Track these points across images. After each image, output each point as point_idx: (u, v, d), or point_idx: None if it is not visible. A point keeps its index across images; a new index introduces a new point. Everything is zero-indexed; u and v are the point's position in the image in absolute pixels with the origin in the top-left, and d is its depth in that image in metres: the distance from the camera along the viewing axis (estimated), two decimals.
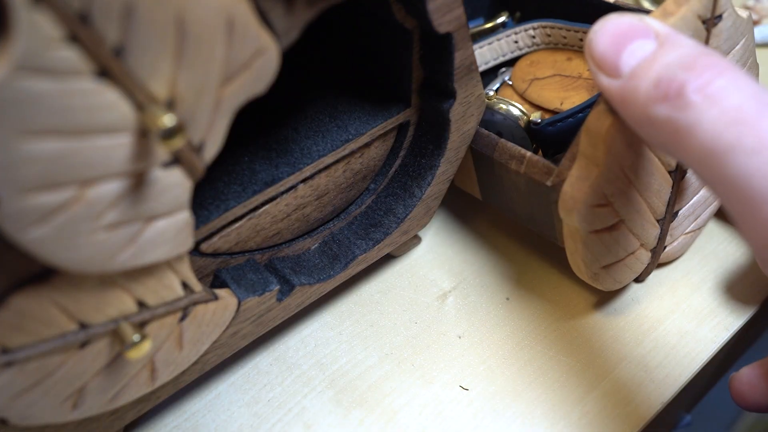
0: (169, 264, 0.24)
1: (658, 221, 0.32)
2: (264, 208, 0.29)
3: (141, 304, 0.24)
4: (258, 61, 0.22)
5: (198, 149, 0.22)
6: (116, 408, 0.27)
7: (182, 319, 0.26)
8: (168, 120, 0.19)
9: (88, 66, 0.18)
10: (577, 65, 0.37)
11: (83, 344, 0.23)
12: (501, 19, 0.42)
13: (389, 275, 0.38)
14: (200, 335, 0.27)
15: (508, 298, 0.36)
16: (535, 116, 0.35)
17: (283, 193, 0.30)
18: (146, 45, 0.19)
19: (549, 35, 0.39)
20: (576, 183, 0.28)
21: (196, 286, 0.26)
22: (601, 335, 0.34)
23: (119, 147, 0.19)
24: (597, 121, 0.26)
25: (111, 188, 0.20)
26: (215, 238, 0.28)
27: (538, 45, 0.40)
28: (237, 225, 0.29)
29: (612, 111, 0.25)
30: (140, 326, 0.25)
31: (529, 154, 0.31)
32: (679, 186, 0.32)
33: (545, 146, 0.35)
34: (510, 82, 0.39)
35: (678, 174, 0.31)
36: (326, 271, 0.33)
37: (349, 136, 0.31)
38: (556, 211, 0.31)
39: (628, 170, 0.28)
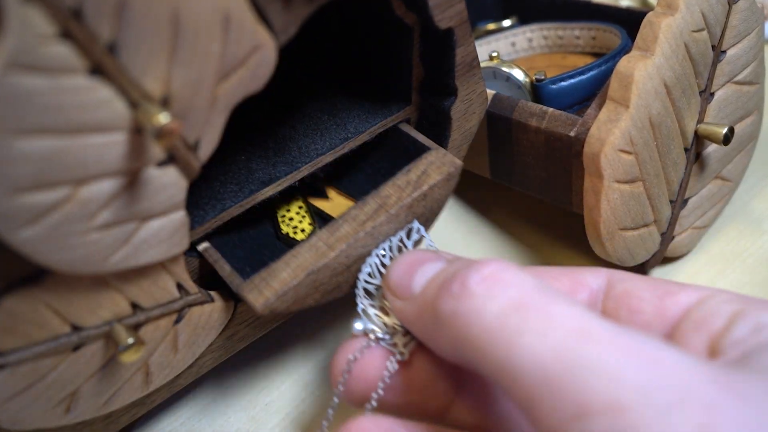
0: (164, 265, 0.24)
1: (671, 202, 0.33)
2: (324, 262, 0.26)
3: (135, 306, 0.24)
4: (255, 57, 0.22)
5: (193, 148, 0.22)
6: (110, 412, 0.27)
7: (177, 321, 0.26)
8: (163, 118, 0.19)
9: (81, 63, 0.18)
10: (572, 60, 0.39)
11: (76, 347, 0.23)
12: (507, 23, 0.43)
13: None
14: (196, 338, 0.27)
15: None
16: (539, 74, 0.36)
17: (280, 192, 0.30)
18: (140, 41, 0.19)
19: (546, 37, 0.41)
20: (604, 125, 0.30)
21: (192, 287, 0.26)
22: None
23: (113, 145, 0.19)
24: (628, 63, 0.29)
25: (104, 187, 0.20)
26: (272, 299, 0.25)
27: (534, 49, 0.43)
28: (295, 284, 0.26)
29: (643, 57, 0.29)
30: (134, 329, 0.25)
31: (550, 109, 0.33)
32: (691, 170, 0.34)
33: (542, 100, 0.37)
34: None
35: (691, 155, 0.33)
36: None
37: (348, 135, 0.31)
38: (576, 167, 0.32)
39: (653, 120, 0.30)
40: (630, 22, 0.39)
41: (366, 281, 0.27)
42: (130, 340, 0.23)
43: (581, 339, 0.18)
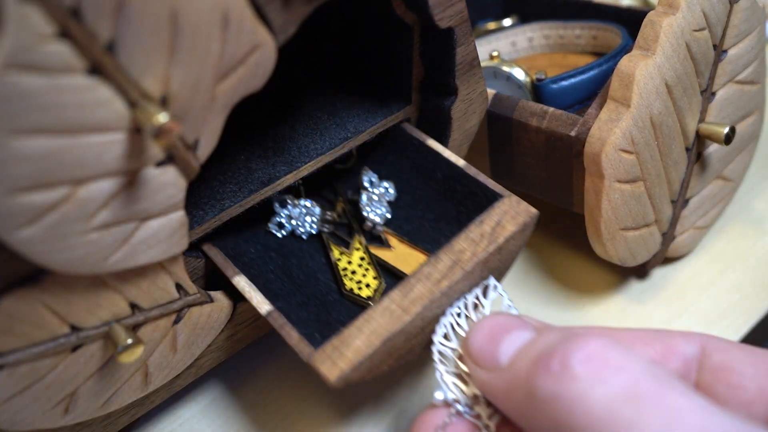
0: (163, 265, 0.24)
1: (672, 202, 0.33)
2: (399, 327, 0.24)
3: (134, 307, 0.24)
4: (254, 57, 0.22)
5: (193, 147, 0.22)
6: (109, 413, 0.27)
7: (176, 321, 0.26)
8: (162, 117, 0.19)
9: (80, 62, 0.18)
10: (573, 60, 0.39)
11: (75, 347, 0.23)
12: (507, 22, 0.43)
13: None
14: (195, 338, 0.27)
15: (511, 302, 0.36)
16: (539, 73, 0.36)
17: (279, 193, 0.30)
18: (139, 40, 0.19)
19: (547, 37, 0.41)
20: (605, 125, 0.30)
21: (191, 287, 0.26)
22: None
23: (112, 145, 0.19)
24: (629, 63, 0.29)
25: (103, 187, 0.20)
26: (347, 371, 0.23)
27: (535, 48, 0.42)
28: (370, 353, 0.24)
29: (644, 56, 0.29)
30: (133, 329, 0.25)
31: (551, 108, 0.33)
32: (693, 170, 0.33)
33: (542, 99, 0.37)
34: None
35: (693, 155, 0.33)
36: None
37: (348, 134, 0.31)
38: (577, 167, 0.32)
39: (655, 120, 0.30)
40: (631, 21, 0.39)
41: (441, 343, 0.25)
42: (129, 341, 0.23)
43: None
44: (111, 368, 0.25)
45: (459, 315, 0.25)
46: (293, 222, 0.31)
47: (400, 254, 0.30)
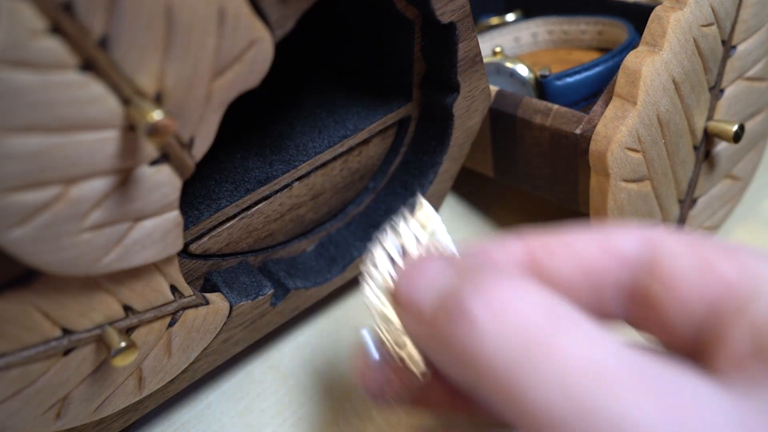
0: (157, 266, 0.24)
1: (680, 202, 0.33)
2: (257, 207, 0.29)
3: (128, 309, 0.24)
4: (251, 52, 0.22)
5: (188, 145, 0.22)
6: (102, 418, 0.27)
7: (171, 324, 0.26)
8: (156, 115, 0.19)
9: (72, 58, 0.18)
10: (578, 56, 0.39)
11: (67, 351, 0.23)
12: (510, 17, 0.43)
13: None
14: (190, 341, 0.27)
15: None
16: (543, 69, 0.35)
17: (277, 192, 0.30)
18: (133, 36, 0.19)
19: (551, 32, 0.41)
20: (611, 122, 0.30)
21: (186, 289, 0.26)
22: None
23: (105, 143, 0.19)
24: (636, 59, 0.29)
25: (96, 187, 0.20)
26: (205, 239, 0.28)
27: (539, 44, 0.43)
28: (228, 225, 0.29)
29: (651, 52, 0.29)
30: (127, 332, 0.25)
31: (556, 105, 0.33)
32: (701, 169, 0.34)
33: (548, 96, 0.37)
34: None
35: (701, 153, 0.33)
36: (323, 274, 0.33)
37: (347, 132, 0.31)
38: (582, 165, 0.32)
39: (662, 117, 0.30)
40: (637, 16, 0.39)
41: (372, 278, 0.23)
42: (123, 344, 0.23)
43: (597, 383, 0.16)
44: (104, 372, 0.25)
45: (390, 248, 0.23)
46: None
47: None
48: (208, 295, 0.27)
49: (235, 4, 0.20)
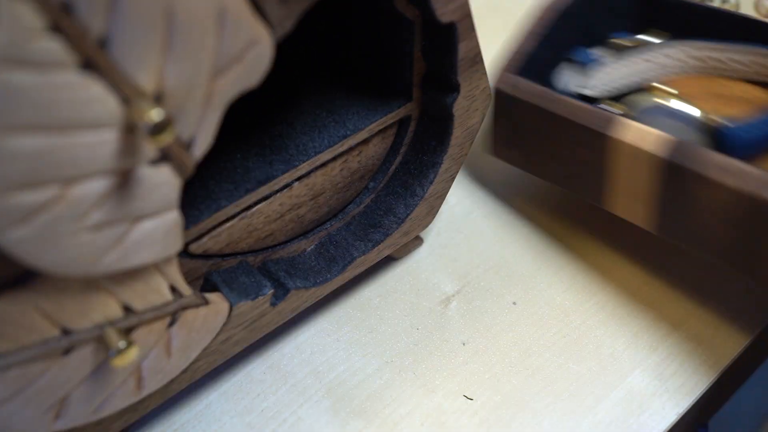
0: (157, 267, 0.24)
1: None
2: (257, 207, 0.29)
3: (127, 309, 0.24)
4: (251, 52, 0.22)
5: (187, 145, 0.22)
6: (101, 418, 0.27)
7: (171, 324, 0.26)
8: (156, 114, 0.19)
9: (72, 58, 0.18)
10: (736, 90, 0.33)
11: (67, 351, 0.23)
12: (645, 37, 0.37)
13: (389, 278, 0.38)
14: (190, 342, 0.27)
15: (514, 303, 0.36)
16: (724, 118, 0.29)
17: (277, 192, 0.30)
18: (133, 36, 0.19)
19: (700, 59, 0.35)
20: None
21: (186, 290, 0.26)
22: (613, 342, 0.34)
23: (104, 143, 0.19)
24: None
25: (96, 187, 0.20)
26: (205, 239, 0.28)
27: (685, 69, 0.36)
28: (228, 225, 0.29)
29: None
30: (126, 332, 0.25)
31: (744, 165, 0.27)
32: None
33: (727, 149, 0.31)
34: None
35: None
36: (323, 274, 0.33)
37: (347, 132, 0.31)
38: None
39: None
40: None
41: None
42: (122, 344, 0.23)
43: None
44: (103, 372, 0.25)
45: None
46: None
47: None
48: (207, 295, 0.27)
49: (235, 4, 0.20)
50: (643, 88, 0.33)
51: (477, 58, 0.31)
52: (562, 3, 0.37)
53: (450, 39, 0.29)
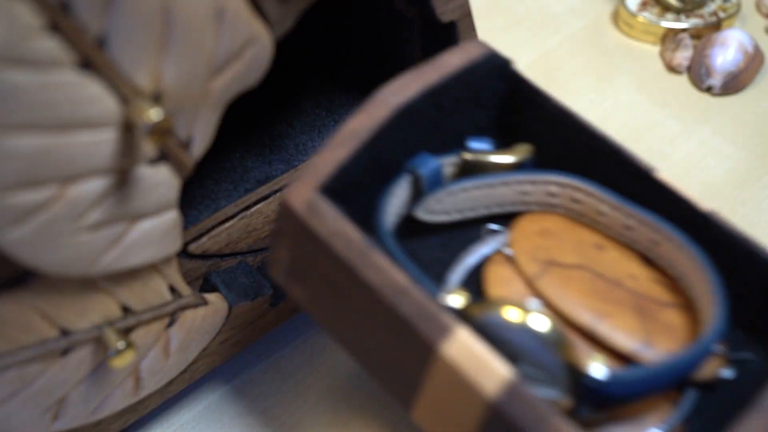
0: (156, 267, 0.24)
1: None
2: (256, 207, 0.29)
3: (126, 310, 0.24)
4: (250, 51, 0.22)
5: (186, 145, 0.22)
6: (100, 419, 0.27)
7: (170, 325, 0.26)
8: (154, 114, 0.19)
9: (70, 57, 0.18)
10: (613, 261, 0.26)
11: (65, 351, 0.23)
12: (524, 155, 0.27)
13: None
14: (189, 342, 0.27)
15: None
16: (599, 364, 0.20)
17: (276, 191, 0.30)
18: (131, 35, 0.19)
19: (578, 201, 0.26)
20: None
21: (185, 290, 0.26)
22: None
23: (103, 143, 0.19)
24: None
25: (94, 186, 0.20)
26: (204, 239, 0.28)
27: (553, 207, 0.27)
28: (227, 225, 0.29)
29: None
30: (125, 333, 0.25)
31: None
32: None
33: (591, 401, 0.21)
34: (509, 252, 0.26)
35: None
36: None
37: None
38: None
39: None
40: (704, 233, 0.24)
41: None
42: (121, 345, 0.23)
43: None
44: (102, 373, 0.25)
45: None
46: None
47: None
48: (207, 295, 0.27)
49: (234, 3, 0.20)
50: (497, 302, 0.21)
51: None
52: (404, 98, 0.25)
53: (450, 38, 0.29)
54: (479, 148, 0.27)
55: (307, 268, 0.24)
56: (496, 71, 0.27)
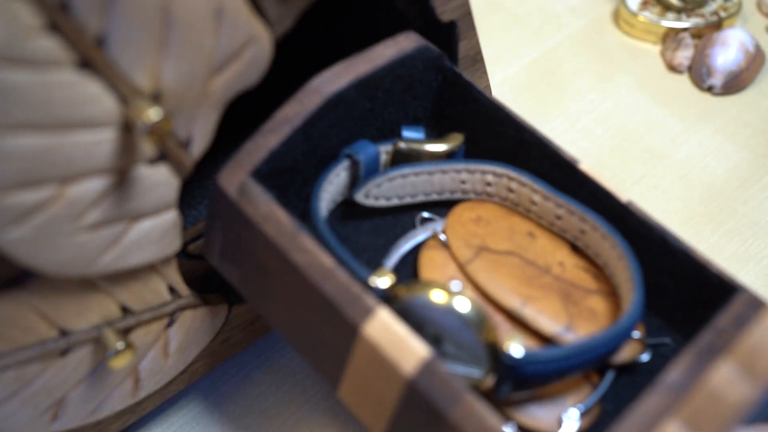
0: (155, 267, 0.24)
1: None
2: None
3: (125, 310, 0.24)
4: (249, 50, 0.22)
5: (186, 145, 0.22)
6: (99, 420, 0.27)
7: (169, 325, 0.26)
8: (153, 114, 0.19)
9: (69, 56, 0.18)
10: (543, 248, 0.27)
11: (64, 352, 0.23)
12: (456, 144, 0.28)
13: None
14: (188, 343, 0.27)
15: None
16: (516, 344, 0.21)
17: None
18: (130, 34, 0.19)
19: (512, 191, 0.27)
20: None
21: (184, 290, 0.26)
22: None
23: (102, 142, 0.19)
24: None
25: (93, 186, 0.20)
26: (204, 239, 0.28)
27: (489, 195, 0.28)
28: None
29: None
30: (124, 333, 0.25)
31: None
32: None
33: (510, 380, 0.22)
34: (443, 238, 0.27)
35: None
36: None
37: None
38: None
39: None
40: (636, 233, 0.25)
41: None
42: (120, 345, 0.23)
43: None
44: (101, 374, 0.25)
45: None
46: None
47: None
48: (206, 295, 0.27)
49: (233, 2, 0.20)
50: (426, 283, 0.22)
51: (477, 57, 0.31)
52: (335, 87, 0.25)
53: (450, 38, 0.29)
54: (413, 136, 0.28)
55: (239, 250, 0.25)
56: (430, 64, 0.27)
